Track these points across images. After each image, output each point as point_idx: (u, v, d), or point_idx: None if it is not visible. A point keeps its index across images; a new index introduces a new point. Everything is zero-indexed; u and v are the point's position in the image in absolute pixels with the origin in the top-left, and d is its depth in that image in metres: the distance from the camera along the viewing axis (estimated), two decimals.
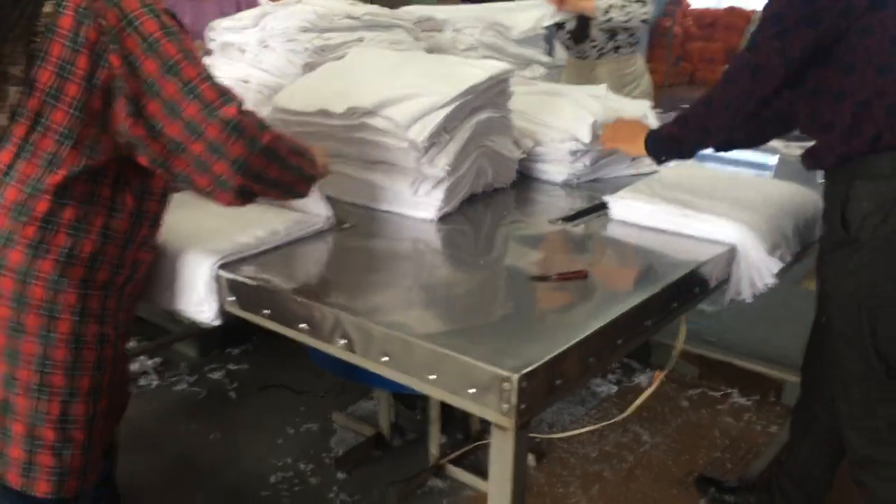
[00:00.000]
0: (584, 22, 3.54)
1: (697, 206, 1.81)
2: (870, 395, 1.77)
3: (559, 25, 3.63)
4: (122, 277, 1.46)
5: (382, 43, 2.30)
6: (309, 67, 2.19)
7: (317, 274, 1.64)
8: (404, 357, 1.29)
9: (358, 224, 1.85)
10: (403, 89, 1.86)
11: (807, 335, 2.17)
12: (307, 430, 2.79)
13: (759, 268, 1.72)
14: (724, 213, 1.77)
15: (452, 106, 1.83)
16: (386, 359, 1.31)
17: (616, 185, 2.08)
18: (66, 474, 1.44)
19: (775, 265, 1.71)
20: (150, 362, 3.23)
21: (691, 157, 2.00)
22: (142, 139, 1.36)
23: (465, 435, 2.71)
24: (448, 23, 2.65)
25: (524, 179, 2.29)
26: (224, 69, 2.38)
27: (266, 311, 1.48)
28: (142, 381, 3.10)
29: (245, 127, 1.37)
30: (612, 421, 2.79)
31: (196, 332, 3.24)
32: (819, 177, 1.91)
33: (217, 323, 1.57)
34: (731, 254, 1.73)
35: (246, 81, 2.33)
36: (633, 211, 1.87)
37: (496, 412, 1.19)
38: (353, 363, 1.37)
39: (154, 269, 1.60)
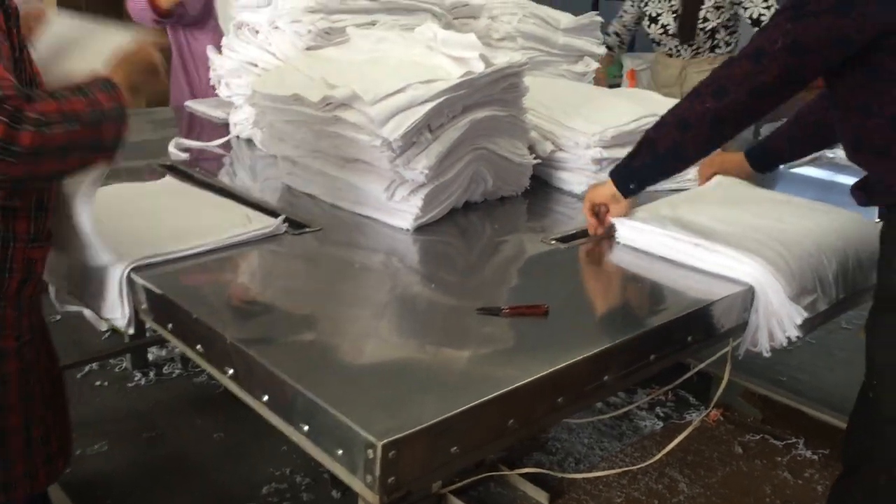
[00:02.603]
0: (691, 21, 3.20)
1: (715, 235, 1.50)
2: None
3: (652, 19, 3.31)
4: (15, 282, 1.31)
5: (396, 28, 2.08)
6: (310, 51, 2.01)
7: (237, 287, 1.43)
8: (282, 400, 1.08)
9: (326, 228, 1.66)
10: (387, 80, 1.63)
11: None
12: None
13: (781, 316, 1.40)
14: (744, 246, 1.45)
15: (436, 102, 1.59)
16: (266, 398, 1.11)
17: (648, 201, 1.79)
18: None
19: (799, 315, 1.38)
20: (178, 350, 3.16)
21: (667, 175, 1.62)
22: None
23: (477, 464, 2.47)
24: (485, 9, 2.40)
25: (542, 188, 2.02)
26: (236, 51, 2.23)
27: (169, 325, 1.31)
28: (165, 369, 3.04)
29: None
30: (645, 464, 2.50)
31: None
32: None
33: (132, 330, 1.41)
34: (747, 296, 1.42)
35: (254, 65, 2.18)
36: (639, 235, 1.58)
37: (361, 483, 0.96)
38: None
39: (81, 267, 1.47)
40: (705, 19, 3.18)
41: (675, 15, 3.24)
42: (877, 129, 1.36)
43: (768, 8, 3.05)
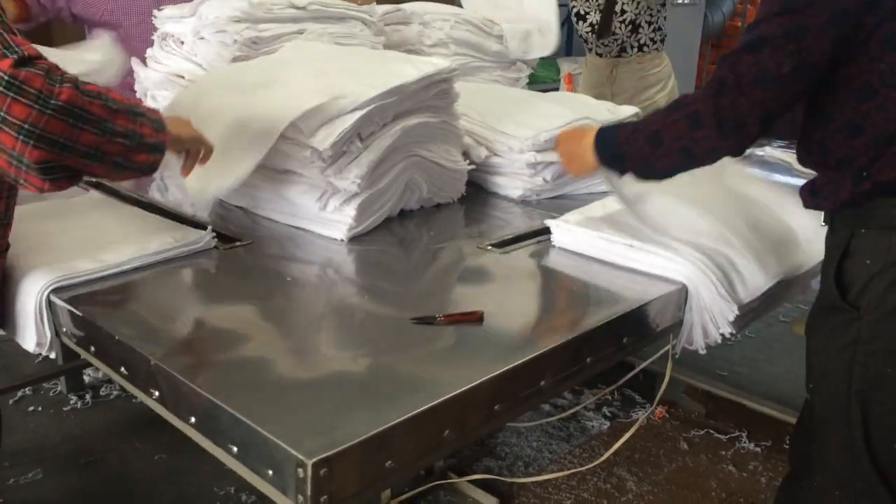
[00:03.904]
0: (608, 13, 3.20)
1: (649, 236, 1.51)
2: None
3: (580, 17, 3.31)
4: None
5: (325, 37, 2.05)
6: (239, 62, 1.96)
7: (162, 306, 1.38)
8: (210, 421, 1.05)
9: (257, 241, 1.62)
10: (316, 91, 1.61)
11: None
12: None
13: (713, 312, 1.41)
14: (676, 245, 1.46)
15: (365, 110, 1.57)
16: (193, 420, 1.08)
17: (584, 204, 1.79)
18: None
19: (731, 311, 1.40)
20: None
21: (665, 175, 1.47)
22: None
23: (427, 472, 2.45)
24: (416, 15, 2.39)
25: (478, 194, 2.01)
26: (162, 63, 2.18)
27: (92, 348, 1.26)
28: (102, 391, 2.95)
29: (26, 81, 1.08)
30: (593, 465, 2.51)
31: None
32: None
33: (53, 354, 1.36)
34: (681, 295, 1.43)
35: (181, 76, 2.12)
36: (574, 238, 1.58)
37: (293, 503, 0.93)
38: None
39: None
40: (623, 11, 3.18)
41: (600, 12, 3.25)
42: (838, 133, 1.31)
43: None
